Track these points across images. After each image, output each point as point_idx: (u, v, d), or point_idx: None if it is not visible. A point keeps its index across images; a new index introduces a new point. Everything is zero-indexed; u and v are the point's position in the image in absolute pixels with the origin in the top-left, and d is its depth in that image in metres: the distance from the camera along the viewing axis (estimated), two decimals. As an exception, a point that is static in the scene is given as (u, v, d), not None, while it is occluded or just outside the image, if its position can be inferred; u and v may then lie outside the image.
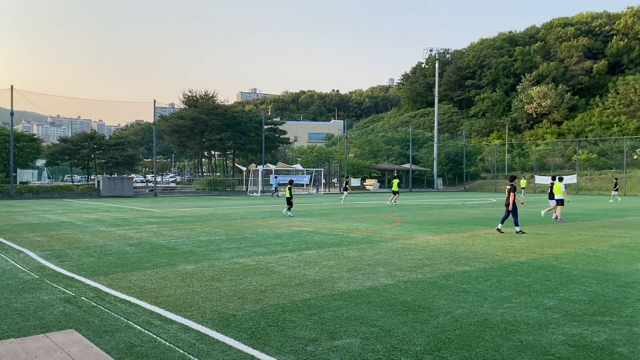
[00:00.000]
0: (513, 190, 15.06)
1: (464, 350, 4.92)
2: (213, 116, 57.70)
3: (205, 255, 10.65)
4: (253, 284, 7.80)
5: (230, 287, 7.63)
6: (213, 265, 9.47)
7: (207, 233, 14.68)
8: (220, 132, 57.86)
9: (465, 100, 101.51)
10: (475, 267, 9.33)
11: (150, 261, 9.88)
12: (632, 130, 70.02)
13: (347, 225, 16.94)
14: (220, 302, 6.74)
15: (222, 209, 25.91)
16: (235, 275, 8.52)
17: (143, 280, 8.13)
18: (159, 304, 6.62)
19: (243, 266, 9.33)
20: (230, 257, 10.32)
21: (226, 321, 5.87)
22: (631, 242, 13.00)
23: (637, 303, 6.72)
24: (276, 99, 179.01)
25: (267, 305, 6.54)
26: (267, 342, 5.17)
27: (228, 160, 71.65)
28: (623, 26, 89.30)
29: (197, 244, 12.28)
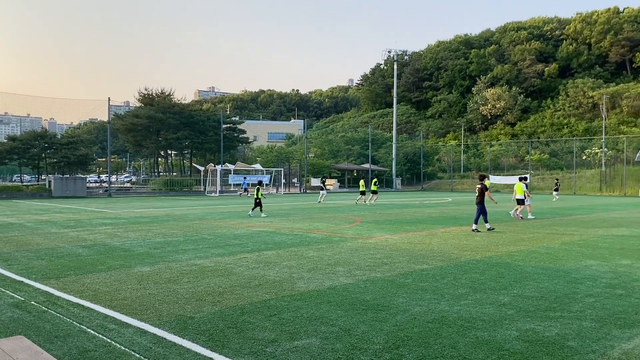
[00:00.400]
0: (485, 189, 15.43)
1: (422, 348, 4.99)
2: (170, 115, 56.68)
3: (162, 257, 10.44)
4: (211, 286, 7.69)
5: (188, 289, 7.50)
6: (170, 267, 9.29)
7: (164, 234, 14.40)
8: (177, 131, 56.89)
9: (422, 102, 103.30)
10: (433, 265, 9.48)
11: (104, 263, 9.61)
12: (581, 131, 72.87)
13: (307, 225, 16.94)
14: (178, 304, 6.62)
15: (179, 209, 25.48)
16: (193, 277, 8.38)
17: (97, 283, 7.89)
18: (114, 307, 6.45)
19: (201, 268, 9.19)
20: (187, 259, 10.15)
21: (184, 324, 5.76)
22: (580, 239, 13.50)
23: (586, 298, 6.98)
24: (235, 97, 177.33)
25: (225, 307, 6.46)
26: (225, 344, 5.11)
27: (185, 159, 70.59)
28: (572, 31, 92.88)
29: (153, 246, 12.02)
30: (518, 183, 20.24)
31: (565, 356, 4.77)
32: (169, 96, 61.73)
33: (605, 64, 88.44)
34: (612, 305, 6.58)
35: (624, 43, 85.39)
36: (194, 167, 62.10)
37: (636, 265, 9.49)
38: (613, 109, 75.09)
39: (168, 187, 49.21)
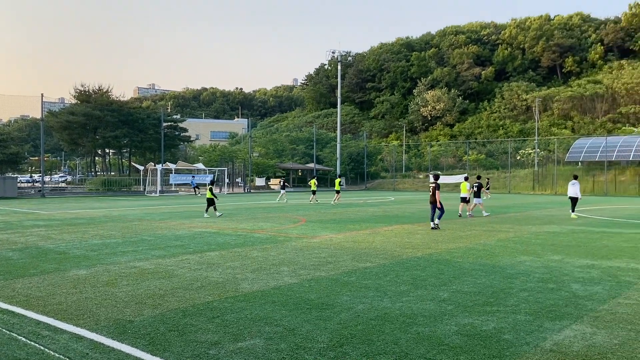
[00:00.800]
0: (438, 188, 15.79)
1: (365, 345, 5.06)
2: (107, 112, 54.78)
3: (99, 259, 10.07)
4: (152, 288, 7.49)
5: (127, 292, 7.27)
6: (108, 269, 8.97)
7: (101, 236, 13.90)
8: (115, 129, 55.07)
9: (366, 102, 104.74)
10: (376, 263, 9.63)
11: (37, 267, 9.16)
12: (516, 133, 76.10)
13: (251, 226, 16.81)
14: (116, 308, 6.40)
15: (117, 210, 24.66)
16: (133, 279, 8.14)
17: (29, 287, 7.51)
18: (48, 312, 6.16)
19: (141, 270, 8.93)
20: (126, 261, 9.83)
21: (122, 328, 5.58)
22: (515, 236, 14.09)
23: (520, 293, 7.29)
24: (176, 95, 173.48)
25: (167, 310, 6.31)
26: (167, 347, 4.99)
27: (124, 159, 68.45)
28: (508, 36, 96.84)
29: (90, 248, 11.58)
30: (463, 182, 21.06)
31: (502, 349, 4.97)
32: (106, 93, 59.69)
33: (537, 69, 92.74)
34: (544, 299, 6.90)
35: (554, 49, 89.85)
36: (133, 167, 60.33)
37: (566, 260, 10.01)
38: (545, 112, 78.89)
39: (106, 187, 47.56)
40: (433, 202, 15.81)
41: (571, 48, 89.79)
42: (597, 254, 10.81)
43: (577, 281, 8.05)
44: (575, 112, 77.35)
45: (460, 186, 21.31)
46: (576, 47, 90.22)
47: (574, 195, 20.18)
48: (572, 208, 20.41)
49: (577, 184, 20.48)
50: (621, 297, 7.00)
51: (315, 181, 33.25)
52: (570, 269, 9.12)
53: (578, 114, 77.14)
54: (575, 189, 20.22)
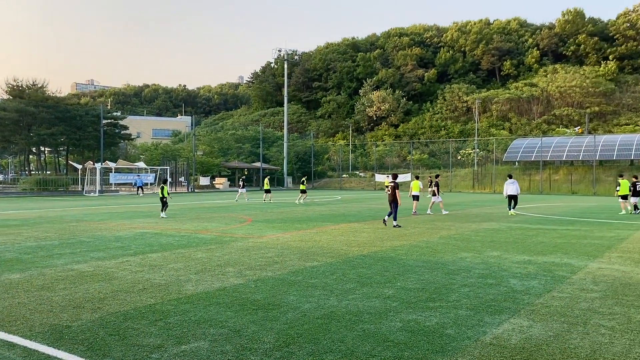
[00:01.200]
0: (397, 187, 15.99)
1: (312, 344, 5.06)
2: (43, 108, 52.44)
3: (34, 262, 9.60)
4: (91, 292, 7.21)
5: (64, 296, 6.96)
6: (43, 273, 8.57)
7: (36, 238, 13.26)
8: (51, 127, 52.79)
9: (313, 102, 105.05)
10: (323, 261, 9.67)
11: (-36, 272, 8.63)
12: (457, 133, 78.45)
13: (195, 226, 16.50)
14: (52, 313, 6.12)
15: (54, 211, 23.62)
16: (70, 283, 7.80)
17: (-45, 294, 7.06)
18: (-25, 320, 5.80)
19: (79, 273, 8.58)
20: (63, 264, 9.42)
21: (59, 334, 5.33)
22: (456, 233, 14.51)
23: (462, 288, 7.50)
24: (117, 91, 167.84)
25: (106, 314, 6.09)
26: (107, 352, 4.81)
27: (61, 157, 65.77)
28: (450, 39, 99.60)
29: (23, 251, 11.02)
30: (415, 181, 21.93)
31: (444, 343, 5.09)
32: (42, 88, 57.17)
33: (478, 71, 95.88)
34: (484, 294, 7.13)
35: (493, 52, 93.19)
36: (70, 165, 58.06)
37: (504, 257, 10.39)
38: (484, 113, 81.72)
39: (41, 187, 45.48)
40: (393, 202, 16.02)
41: (509, 52, 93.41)
42: (533, 250, 11.29)
43: (514, 276, 8.37)
44: (512, 114, 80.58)
45: (412, 185, 21.91)
46: (514, 51, 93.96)
47: (515, 193, 21.04)
48: (514, 206, 21.20)
49: (516, 182, 21.51)
50: (555, 291, 7.33)
51: (268, 180, 33.73)
52: (508, 264, 9.48)
53: (515, 116, 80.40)
54: (516, 186, 21.14)
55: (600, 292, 7.26)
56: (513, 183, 21.25)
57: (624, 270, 8.91)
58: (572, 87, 77.51)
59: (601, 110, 75.89)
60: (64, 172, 60.09)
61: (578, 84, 77.34)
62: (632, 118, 73.65)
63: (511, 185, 21.23)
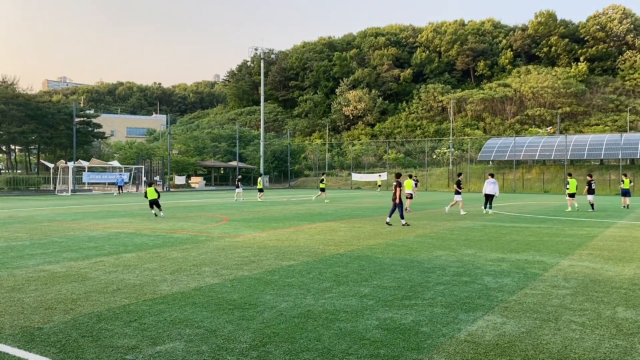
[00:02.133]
0: (399, 186, 16.03)
1: (288, 343, 5.05)
2: (13, 106, 51.25)
3: (4, 263, 9.38)
4: (63, 293, 7.07)
5: (35, 297, 6.82)
6: (13, 274, 8.38)
7: (6, 238, 12.96)
8: (22, 124, 51.63)
9: (289, 101, 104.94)
10: (299, 260, 9.66)
11: None
12: (432, 133, 79.22)
13: (170, 225, 16.33)
14: (23, 314, 5.98)
15: (24, 210, 23.11)
16: (41, 284, 7.65)
17: None
18: (-58, 323, 5.64)
19: (51, 274, 8.41)
20: (34, 264, 9.23)
21: (30, 336, 5.22)
22: (431, 232, 14.66)
23: (437, 286, 7.59)
24: (90, 89, 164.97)
25: (79, 315, 5.98)
26: (80, 354, 4.72)
27: (32, 156, 64.36)
28: (425, 39, 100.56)
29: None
30: (408, 180, 22.49)
31: (420, 341, 5.14)
32: (12, 85, 55.92)
33: (452, 71, 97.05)
34: (459, 292, 7.22)
35: (468, 53, 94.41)
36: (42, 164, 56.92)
37: (479, 255, 10.54)
38: (459, 113, 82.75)
39: (11, 186, 44.46)
40: (394, 199, 16.08)
41: (483, 52, 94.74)
42: (506, 248, 11.48)
43: (488, 274, 8.50)
44: (487, 114, 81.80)
45: (405, 183, 22.35)
46: (488, 51, 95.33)
47: (492, 193, 21.37)
48: (490, 205, 21.51)
49: (497, 182, 21.93)
50: (528, 288, 7.47)
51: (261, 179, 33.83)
52: (482, 262, 9.62)
53: (489, 115, 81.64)
54: (495, 187, 21.50)
55: (571, 289, 7.42)
56: (494, 183, 21.61)
57: (594, 267, 9.12)
58: (544, 87, 79.04)
59: (572, 111, 77.59)
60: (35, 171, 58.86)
61: (550, 85, 78.90)
62: (601, 118, 75.49)
63: (491, 184, 21.54)
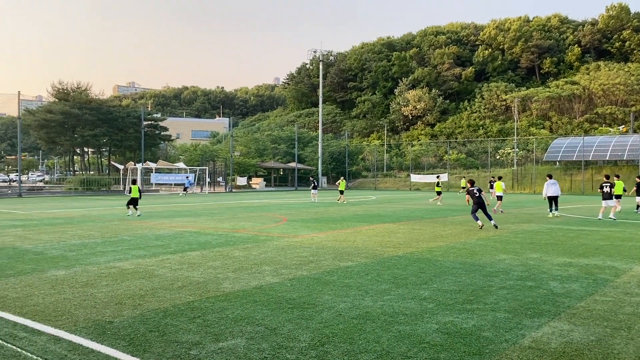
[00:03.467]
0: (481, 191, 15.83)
1: (347, 344, 5.07)
2: (86, 110, 54.09)
3: (78, 259, 9.93)
4: (132, 289, 7.41)
5: (107, 292, 7.18)
6: (87, 270, 8.86)
7: (80, 236, 13.71)
8: (94, 128, 54.39)
9: (347, 102, 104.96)
10: (357, 262, 9.66)
11: (13, 268, 9.00)
12: (495, 132, 76.95)
13: (232, 225, 16.73)
14: (96, 309, 6.32)
15: (96, 209, 24.34)
16: (112, 280, 8.04)
17: (5, 289, 7.38)
18: (25, 314, 6.05)
19: (120, 270, 8.83)
20: (106, 261, 9.72)
21: (102, 329, 5.51)
22: (495, 235, 14.25)
23: (500, 291, 7.38)
24: (157, 93, 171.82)
25: (147, 310, 6.25)
26: (147, 348, 4.94)
27: (103, 157, 67.63)
28: (487, 37, 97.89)
29: (68, 248, 11.41)
30: (498, 182, 23.18)
31: (481, 346, 5.02)
32: (85, 91, 58.99)
33: (517, 69, 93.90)
34: (523, 297, 7.00)
35: (533, 50, 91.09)
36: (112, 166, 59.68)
37: (544, 259, 10.16)
38: (524, 112, 79.94)
39: (85, 187, 46.95)
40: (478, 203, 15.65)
41: (549, 49, 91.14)
42: (574, 252, 11.00)
43: (555, 279, 8.18)
44: (553, 113, 78.55)
45: (495, 185, 23.39)
46: (554, 48, 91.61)
47: (555, 194, 20.42)
48: (555, 207, 20.50)
49: (557, 182, 21.00)
50: (597, 295, 7.13)
51: (344, 181, 33.60)
52: (548, 267, 9.26)
53: (556, 114, 78.35)
54: (557, 187, 20.58)
55: (646, 297, 7.01)
56: (554, 184, 20.64)
57: (671, 274, 8.58)
58: (616, 84, 75.03)
59: (647, 108, 73.21)
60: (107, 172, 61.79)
61: (622, 81, 74.83)
62: (680, 116, 70.74)
63: (552, 186, 20.60)
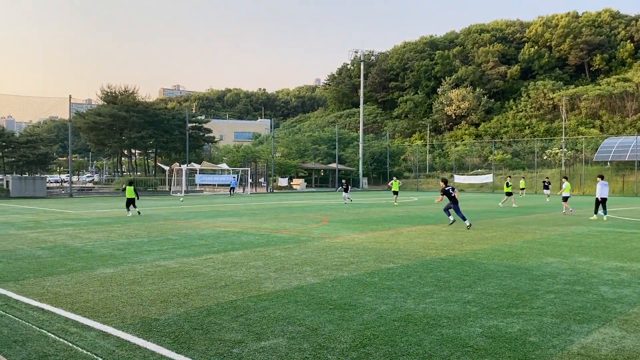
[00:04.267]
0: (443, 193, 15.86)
1: (388, 346, 5.03)
2: (133, 113, 55.67)
3: (125, 258, 10.23)
4: (176, 287, 7.58)
5: (152, 290, 7.37)
6: (133, 268, 9.11)
7: (127, 235, 14.12)
8: (141, 130, 55.91)
9: (389, 102, 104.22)
10: (399, 264, 9.58)
11: (65, 265, 9.36)
12: (542, 132, 74.81)
13: (274, 225, 16.89)
14: (142, 306, 6.50)
15: (143, 209, 25.01)
16: (158, 278, 8.25)
17: (58, 285, 7.68)
18: (75, 310, 6.28)
19: (166, 269, 9.05)
20: (152, 260, 9.97)
21: (148, 326, 5.66)
22: (541, 237, 13.86)
23: (547, 295, 7.16)
24: (201, 96, 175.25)
25: (191, 308, 6.38)
26: (191, 345, 5.04)
27: (150, 159, 69.42)
28: (534, 34, 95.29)
29: (116, 247, 11.78)
30: (568, 183, 23.16)
31: (527, 351, 4.89)
32: (132, 94, 60.66)
33: (565, 67, 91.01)
34: (571, 301, 6.77)
35: (582, 46, 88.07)
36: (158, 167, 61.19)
37: (594, 262, 9.80)
38: (572, 111, 77.39)
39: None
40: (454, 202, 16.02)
41: (600, 45, 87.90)
42: (626, 256, 10.57)
43: (605, 283, 7.88)
44: (603, 111, 75.68)
45: (565, 186, 23.20)
46: (605, 44, 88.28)
47: (605, 196, 19.57)
48: (604, 210, 19.69)
49: (608, 184, 20.11)
50: (652, 300, 6.82)
51: (398, 182, 33.01)
52: (598, 271, 8.94)
53: (607, 113, 75.45)
54: (607, 189, 19.72)
55: None
56: (606, 185, 19.80)
57: None
58: (672, 80, 71.65)
59: None
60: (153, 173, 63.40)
61: (679, 78, 71.38)
62: None
63: (605, 187, 19.74)
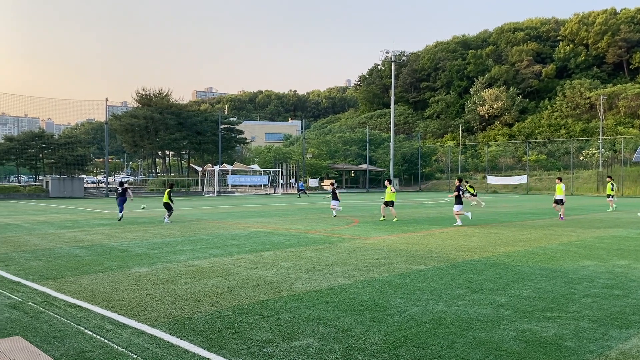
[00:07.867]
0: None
1: (420, 348, 4.99)
2: (167, 115, 56.65)
3: (160, 257, 10.43)
4: (209, 286, 7.68)
5: (186, 289, 7.49)
6: (167, 267, 9.28)
7: (161, 235, 14.38)
8: (174, 132, 56.84)
9: (420, 102, 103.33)
10: (430, 265, 9.49)
11: (102, 264, 9.60)
12: (578, 132, 72.96)
13: (305, 226, 16.94)
14: (175, 305, 6.61)
15: (176, 210, 25.43)
16: (191, 277, 8.38)
17: (94, 283, 7.88)
18: (111, 308, 6.44)
19: (198, 268, 9.18)
20: (185, 259, 10.14)
21: (181, 324, 5.76)
22: (578, 239, 13.52)
23: (583, 299, 6.99)
24: (233, 98, 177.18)
25: (223, 308, 6.46)
26: (223, 344, 5.11)
27: (183, 160, 70.52)
28: (569, 32, 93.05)
29: (150, 246, 12.01)
30: (559, 184, 20.58)
31: (563, 356, 4.78)
32: (166, 96, 61.71)
33: (602, 65, 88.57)
34: (609, 306, 6.59)
35: (621, 44, 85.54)
36: (191, 168, 62.07)
37: (633, 266, 9.51)
38: (610, 110, 75.25)
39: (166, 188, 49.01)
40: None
41: (639, 43, 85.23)
42: (668, 260, 10.21)
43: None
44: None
45: (556, 188, 20.78)
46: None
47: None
48: None
49: None
50: (695, 306, 6.58)
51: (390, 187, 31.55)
52: (638, 275, 8.67)
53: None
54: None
55: None
56: None
57: None
58: None
59: None
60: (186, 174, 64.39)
61: None
62: None
63: None
